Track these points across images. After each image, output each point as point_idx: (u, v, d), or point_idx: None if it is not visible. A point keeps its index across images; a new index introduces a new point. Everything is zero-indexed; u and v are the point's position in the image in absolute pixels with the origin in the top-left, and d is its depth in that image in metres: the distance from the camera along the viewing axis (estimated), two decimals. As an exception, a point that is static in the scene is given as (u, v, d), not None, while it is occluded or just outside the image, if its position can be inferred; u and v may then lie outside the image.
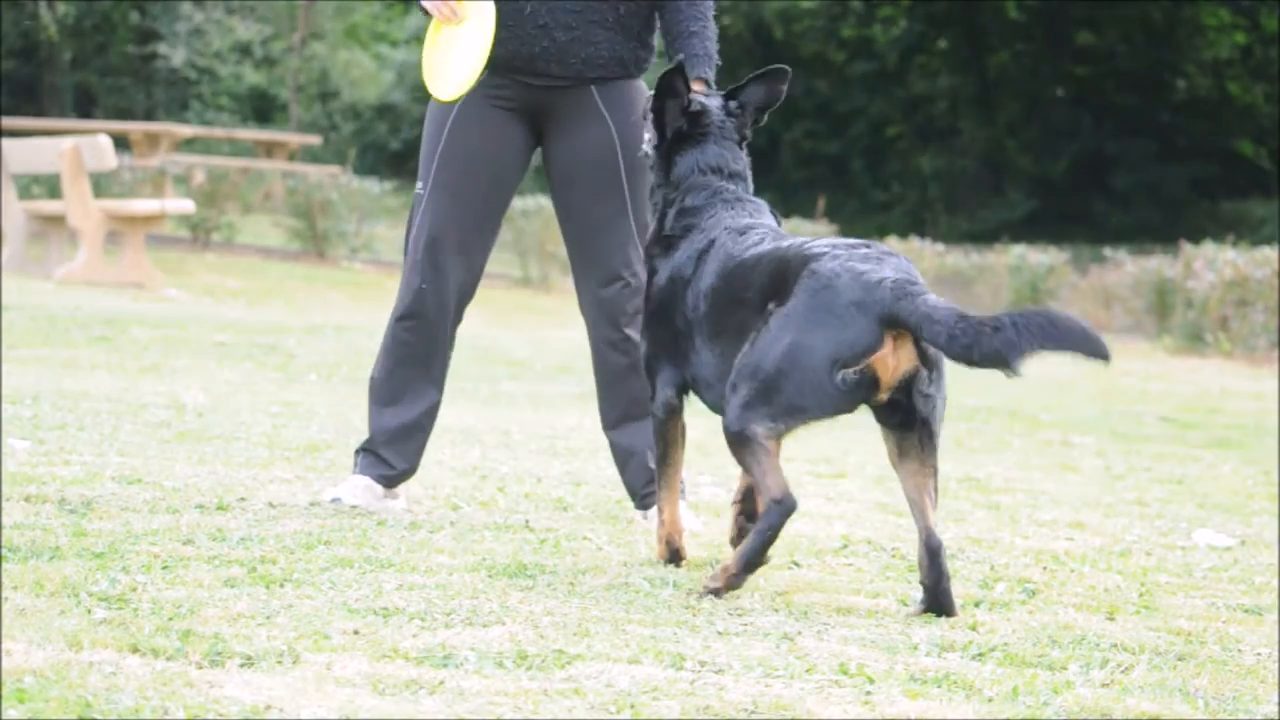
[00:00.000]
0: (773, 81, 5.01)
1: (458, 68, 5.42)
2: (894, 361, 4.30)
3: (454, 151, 5.54)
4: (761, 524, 4.43)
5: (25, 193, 19.13)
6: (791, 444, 4.61)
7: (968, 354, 4.21)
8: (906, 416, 4.37)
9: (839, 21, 35.72)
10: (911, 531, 5.74)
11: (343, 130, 34.96)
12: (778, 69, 5.02)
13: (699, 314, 4.73)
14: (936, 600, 4.41)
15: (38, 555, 4.38)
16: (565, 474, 6.70)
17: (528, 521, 5.44)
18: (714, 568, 4.90)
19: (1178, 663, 4.08)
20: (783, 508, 4.40)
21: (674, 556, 4.92)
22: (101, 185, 19.21)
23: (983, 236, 29.63)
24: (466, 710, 3.27)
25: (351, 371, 10.49)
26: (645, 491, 5.64)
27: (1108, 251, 22.82)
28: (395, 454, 5.61)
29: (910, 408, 4.35)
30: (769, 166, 33.62)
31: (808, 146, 34.83)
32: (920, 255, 21.31)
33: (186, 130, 26.15)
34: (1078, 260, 22.98)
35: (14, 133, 22.23)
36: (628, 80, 5.53)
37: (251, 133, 29.82)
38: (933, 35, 36.52)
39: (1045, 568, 5.25)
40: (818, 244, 4.48)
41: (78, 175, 15.82)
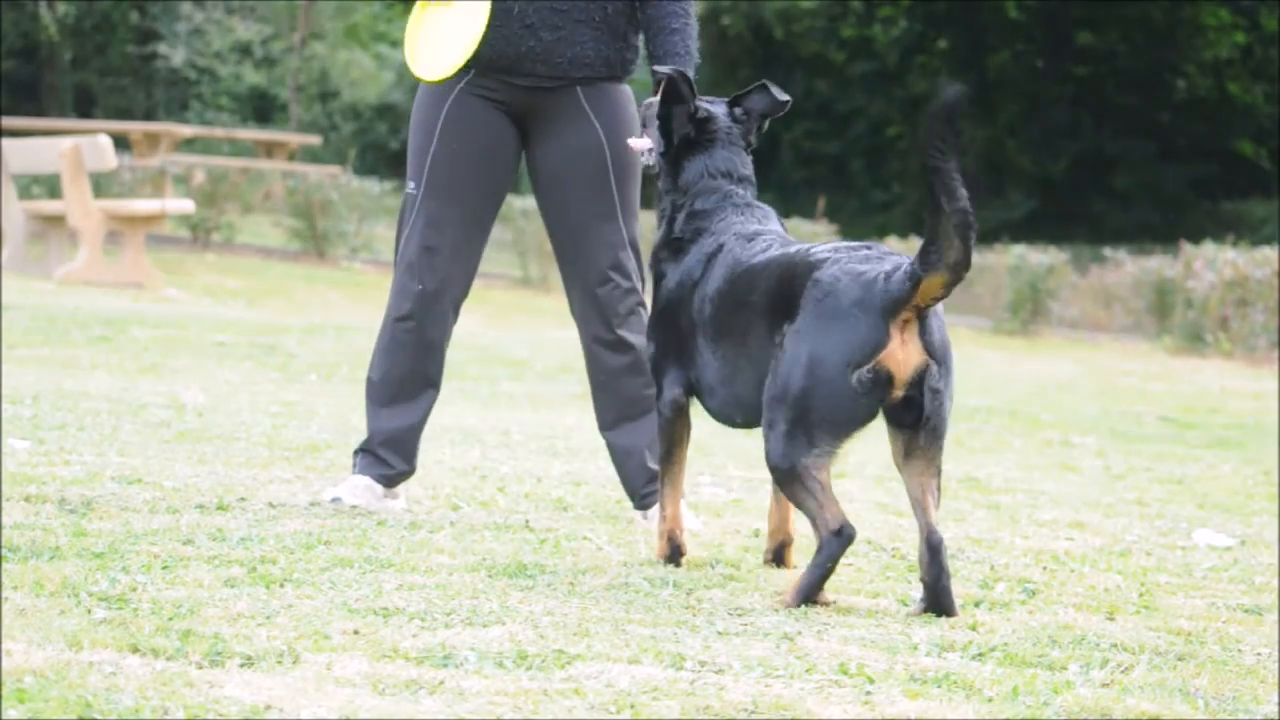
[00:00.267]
0: (774, 92, 5.04)
1: (444, 50, 5.42)
2: (904, 356, 4.30)
3: (446, 152, 5.54)
4: (821, 556, 4.41)
5: (25, 193, 19.12)
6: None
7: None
8: (918, 414, 4.37)
9: (839, 21, 35.72)
10: (912, 531, 5.74)
11: (343, 130, 34.97)
12: (772, 86, 5.05)
13: (704, 316, 4.74)
14: (936, 598, 4.41)
15: (38, 555, 4.38)
16: (565, 474, 6.70)
17: (528, 521, 5.44)
18: (711, 568, 4.90)
19: (1178, 663, 4.08)
20: (842, 539, 4.40)
21: (675, 553, 4.91)
22: (101, 185, 19.21)
23: (983, 236, 29.48)
24: (466, 710, 3.27)
25: (351, 371, 10.49)
26: (645, 491, 5.63)
27: (1108, 251, 22.81)
28: (394, 454, 5.61)
29: (921, 404, 4.35)
30: (769, 166, 33.62)
31: (808, 146, 34.83)
32: (920, 255, 21.28)
33: (186, 130, 26.15)
34: (1078, 260, 22.98)
35: (14, 133, 22.24)
36: (613, 82, 5.54)
37: (251, 133, 29.82)
38: (933, 35, 36.52)
39: (1045, 568, 5.25)
40: (821, 250, 4.48)
41: (78, 175, 15.82)
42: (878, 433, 4.50)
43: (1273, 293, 17.64)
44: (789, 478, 4.41)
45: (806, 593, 4.42)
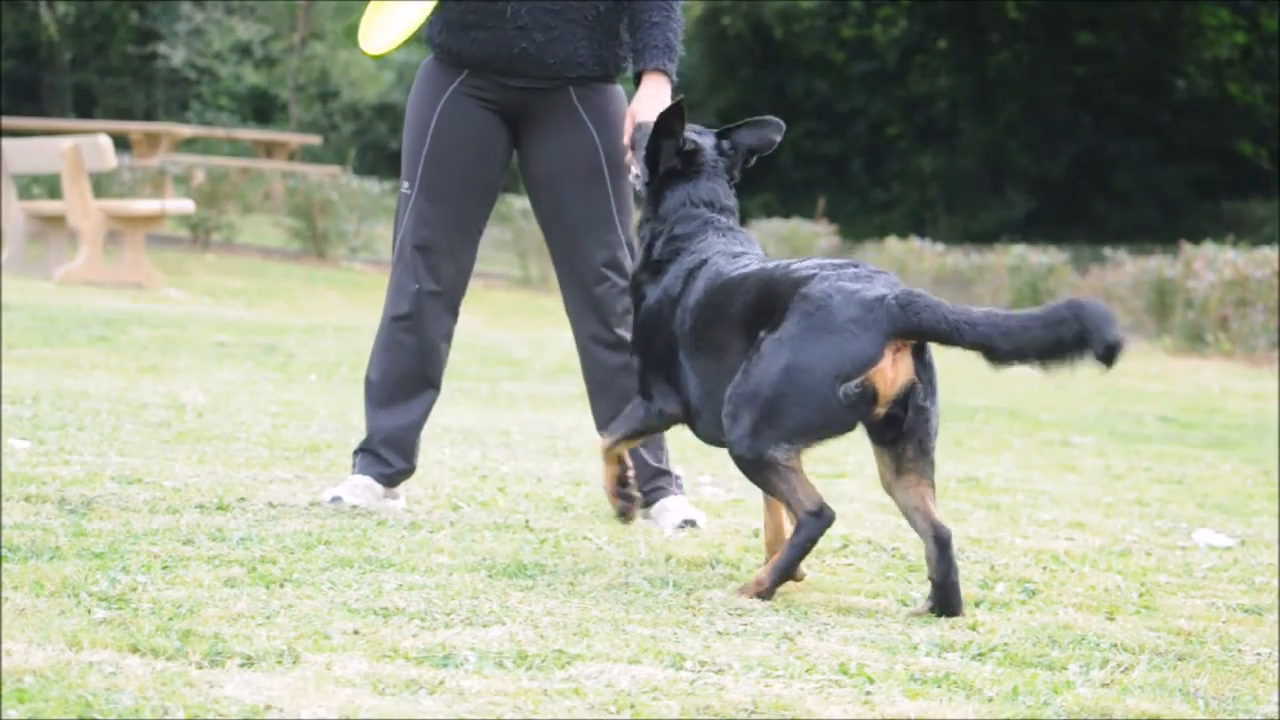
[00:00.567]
0: (768, 130, 5.06)
1: (390, 26, 5.47)
2: (893, 374, 4.32)
3: (440, 153, 5.55)
4: (798, 536, 4.43)
5: (25, 193, 19.13)
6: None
7: (1020, 352, 4.24)
8: (901, 432, 4.39)
9: (839, 21, 35.70)
10: (911, 531, 5.75)
11: (343, 130, 34.96)
12: (774, 121, 5.07)
13: (684, 330, 4.76)
14: (945, 595, 4.40)
15: (38, 555, 4.38)
16: (565, 474, 6.70)
17: (528, 521, 5.44)
18: (711, 568, 4.90)
19: (1178, 663, 4.08)
20: (821, 520, 4.41)
21: (625, 502, 5.00)
22: (101, 185, 19.21)
23: (983, 236, 29.62)
24: (466, 710, 3.27)
25: (351, 371, 10.49)
26: (647, 488, 5.64)
27: (1108, 251, 22.81)
28: (394, 453, 5.61)
29: (905, 422, 4.37)
30: (769, 166, 33.59)
31: (808, 146, 34.80)
32: (920, 255, 21.29)
33: (186, 130, 26.16)
34: (1078, 260, 22.97)
35: (14, 133, 22.24)
36: (605, 82, 5.54)
37: (251, 133, 29.82)
38: (933, 35, 36.51)
39: (1045, 568, 5.25)
40: (805, 266, 4.51)
41: (78, 175, 15.82)
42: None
43: (1273, 293, 17.64)
44: (758, 466, 4.43)
45: (784, 572, 4.45)
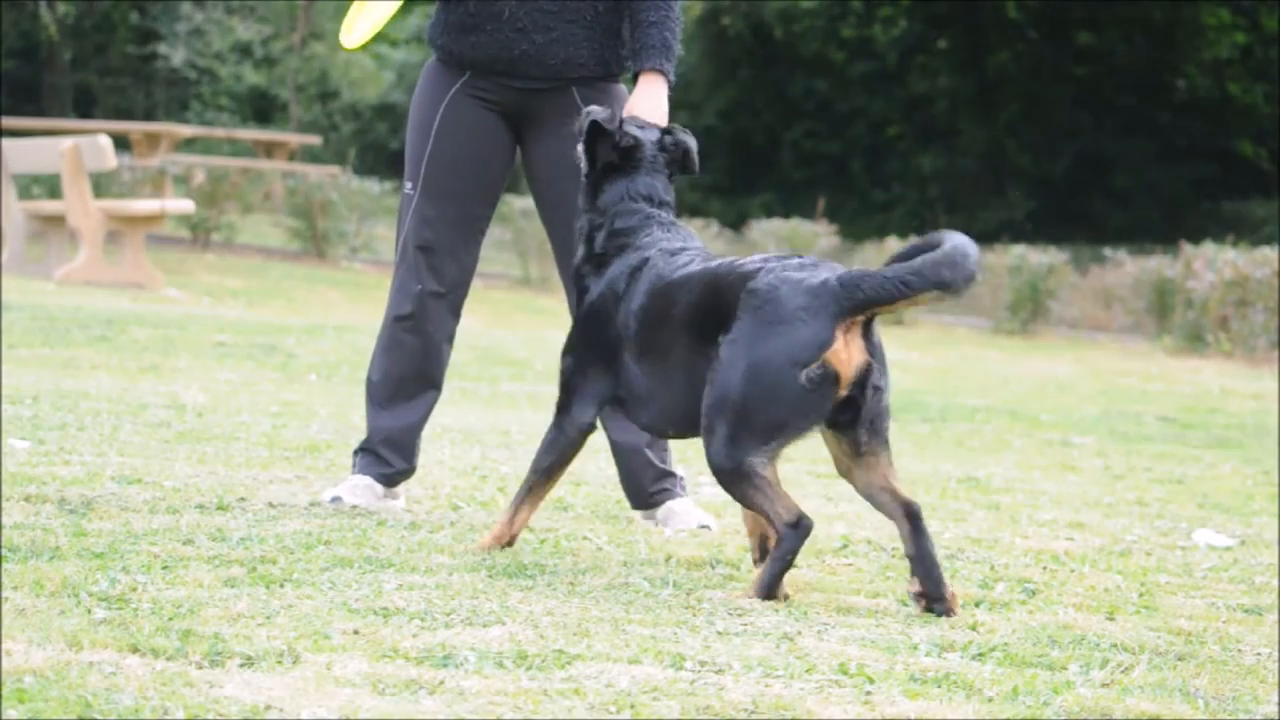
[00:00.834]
0: (692, 163, 5.10)
1: (366, 19, 5.57)
2: (847, 355, 4.39)
3: (442, 153, 5.55)
4: (780, 550, 4.46)
5: (25, 193, 19.12)
6: (791, 445, 4.61)
7: (958, 280, 4.34)
8: (858, 414, 4.45)
9: (839, 21, 35.69)
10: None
11: (343, 130, 34.96)
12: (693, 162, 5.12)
13: (630, 333, 4.80)
14: (925, 568, 4.43)
15: (38, 555, 4.38)
16: (565, 474, 6.69)
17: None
18: (711, 568, 4.90)
19: (1178, 663, 4.08)
20: (799, 531, 4.45)
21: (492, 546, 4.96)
22: (101, 185, 19.20)
23: (983, 236, 29.46)
24: (466, 710, 3.27)
25: (351, 371, 10.49)
26: (653, 489, 5.64)
27: (1108, 251, 22.81)
28: (394, 453, 5.61)
29: (863, 404, 4.43)
30: (769, 166, 33.61)
31: (808, 146, 34.79)
32: (920, 255, 21.25)
33: (186, 130, 26.15)
34: (1078, 260, 22.97)
35: (14, 133, 22.24)
36: (608, 81, 5.55)
37: (251, 133, 29.82)
38: (933, 35, 36.50)
39: (1045, 568, 5.25)
40: (748, 262, 4.58)
41: (78, 175, 15.82)
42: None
43: (1273, 293, 17.64)
44: (734, 478, 4.47)
45: (769, 586, 4.47)
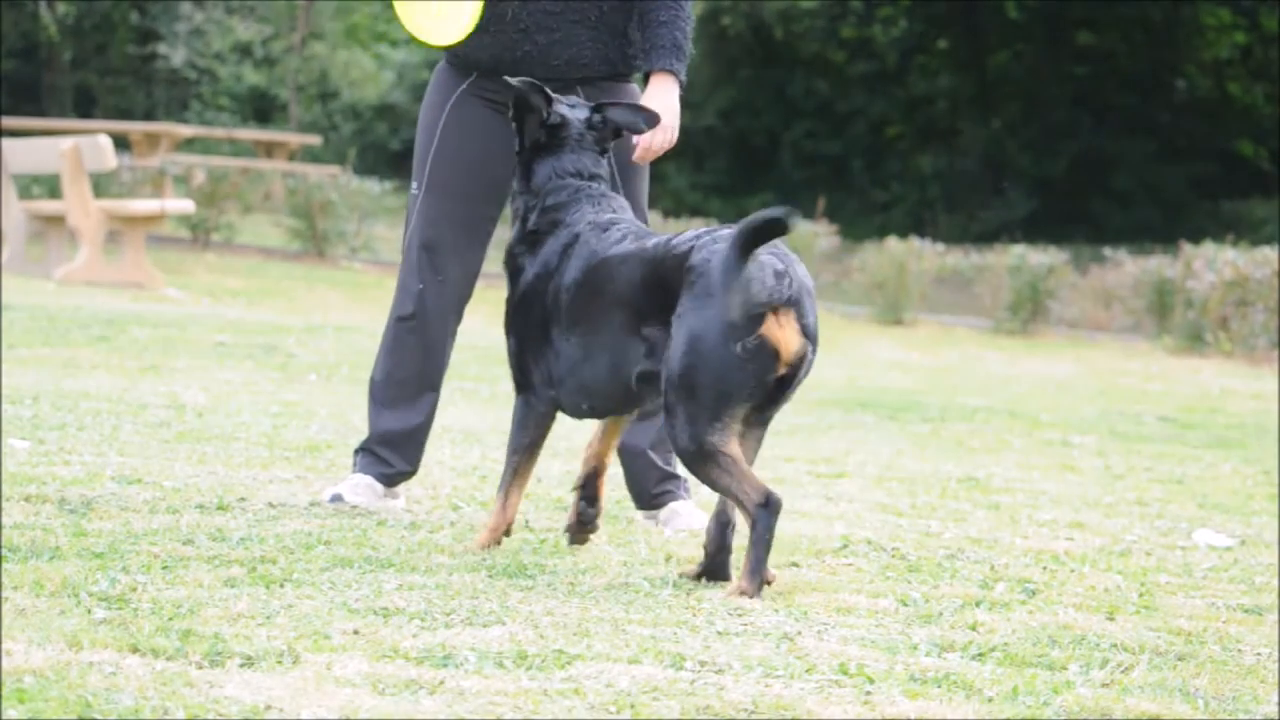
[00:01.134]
0: (639, 118, 5.15)
1: (454, 11, 5.36)
2: (782, 335, 4.44)
3: (447, 152, 5.55)
4: (756, 533, 4.49)
5: (25, 193, 19.12)
6: (792, 444, 4.62)
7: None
8: (780, 398, 4.55)
9: (839, 21, 35.67)
10: (911, 531, 5.75)
11: (343, 130, 34.94)
12: (651, 113, 5.17)
13: (559, 307, 4.85)
14: (717, 530, 4.65)
15: (38, 555, 4.38)
16: (565, 474, 6.70)
17: (528, 521, 5.45)
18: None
19: (1178, 663, 4.08)
20: (771, 509, 4.48)
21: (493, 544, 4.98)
22: (101, 185, 19.20)
23: (983, 236, 29.61)
24: (466, 710, 3.27)
25: (352, 371, 10.49)
26: (657, 491, 5.64)
27: (1108, 251, 22.79)
28: (394, 453, 5.61)
29: (790, 384, 4.53)
30: (769, 166, 33.60)
31: (808, 146, 34.78)
32: (920, 255, 21.26)
33: (186, 130, 26.14)
34: (1078, 260, 22.95)
35: (14, 133, 22.23)
36: (615, 81, 5.54)
37: (251, 133, 29.80)
38: (933, 35, 36.49)
39: (1045, 568, 5.25)
40: (683, 239, 4.65)
41: (78, 175, 15.82)
42: (878, 432, 4.50)
43: (1273, 293, 17.64)
44: (698, 458, 4.52)
45: (758, 571, 4.50)
